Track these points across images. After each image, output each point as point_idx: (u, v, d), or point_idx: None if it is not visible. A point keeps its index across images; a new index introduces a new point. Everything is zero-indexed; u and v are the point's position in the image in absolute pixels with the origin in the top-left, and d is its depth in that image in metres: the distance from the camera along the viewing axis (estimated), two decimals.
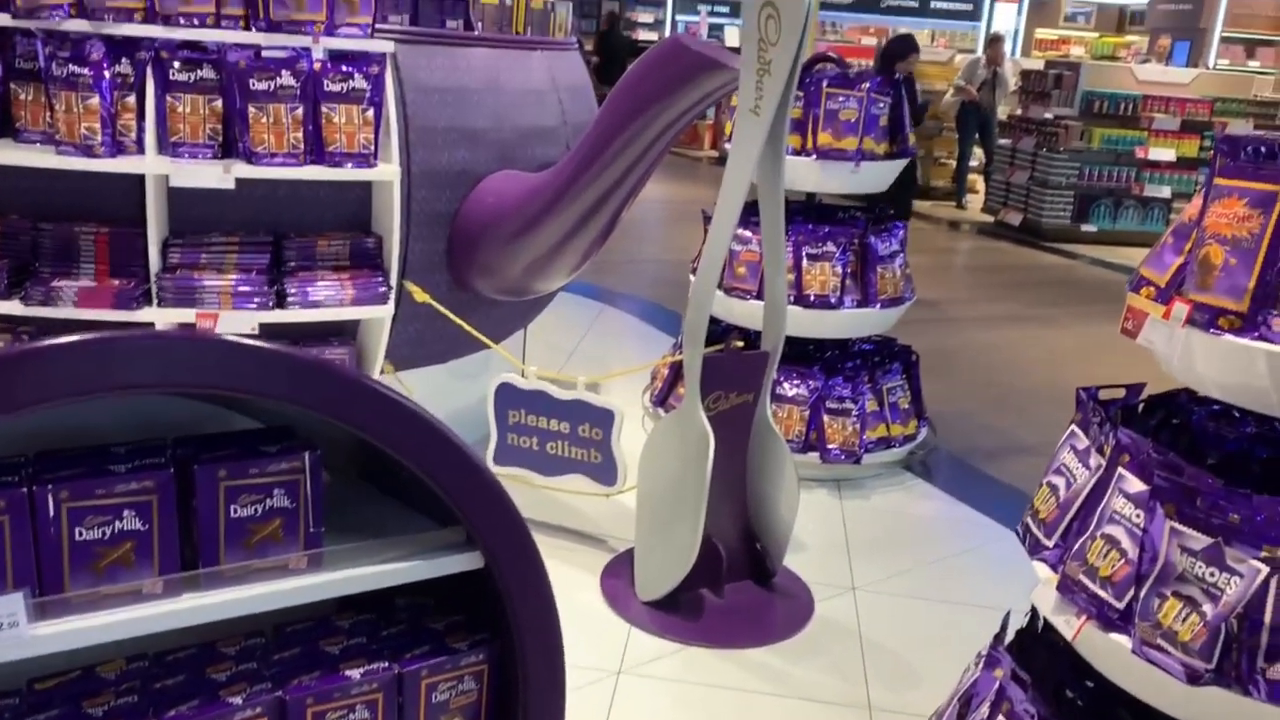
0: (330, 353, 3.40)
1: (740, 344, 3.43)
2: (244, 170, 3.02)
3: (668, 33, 18.86)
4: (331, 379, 1.43)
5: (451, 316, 3.61)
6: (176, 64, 2.98)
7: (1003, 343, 6.40)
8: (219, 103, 3.03)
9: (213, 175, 2.98)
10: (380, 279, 3.30)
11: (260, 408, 1.60)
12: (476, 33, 3.69)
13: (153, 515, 1.39)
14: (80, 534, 1.35)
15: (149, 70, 2.97)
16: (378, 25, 3.24)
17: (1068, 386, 2.35)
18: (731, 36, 19.30)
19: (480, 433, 3.74)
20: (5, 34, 3.00)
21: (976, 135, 11.41)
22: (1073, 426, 2.14)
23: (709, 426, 3.00)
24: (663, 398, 4.50)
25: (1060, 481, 2.08)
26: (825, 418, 4.08)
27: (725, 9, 25.15)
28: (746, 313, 4.13)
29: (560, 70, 4.07)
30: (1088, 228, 10.07)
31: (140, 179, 3.05)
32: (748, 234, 4.12)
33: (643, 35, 18.04)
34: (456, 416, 4.17)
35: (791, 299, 4.04)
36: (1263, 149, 1.82)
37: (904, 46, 7.65)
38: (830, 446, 4.06)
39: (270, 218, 3.31)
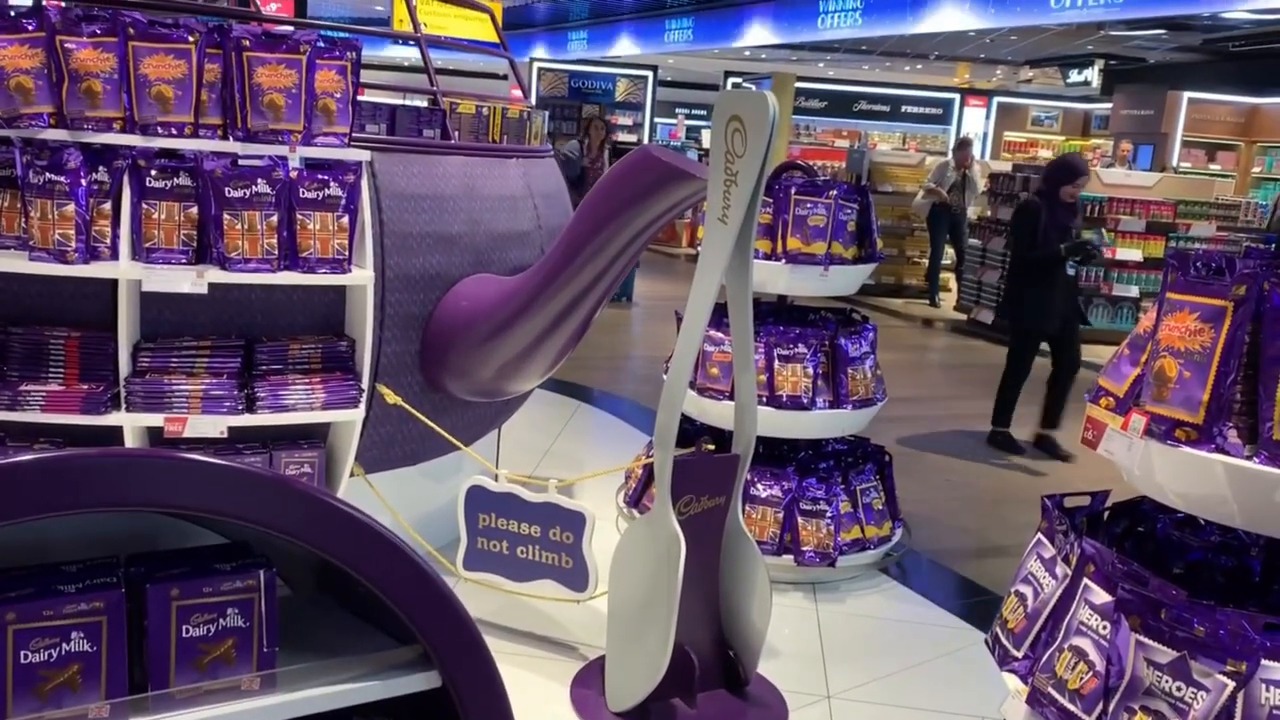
0: (300, 455, 3.38)
1: (711, 446, 3.43)
2: (217, 276, 3.04)
3: (646, 136, 19.30)
4: (286, 496, 1.42)
5: (422, 419, 3.60)
6: (154, 172, 3.03)
7: (976, 443, 6.43)
8: (194, 209, 3.07)
9: (185, 280, 3.00)
10: (352, 382, 3.30)
11: (217, 521, 1.58)
12: (453, 141, 3.77)
13: (102, 636, 1.36)
14: (25, 657, 1.32)
15: (126, 178, 3.01)
16: (355, 134, 3.31)
17: (1040, 488, 2.36)
18: (708, 138, 19.80)
19: (451, 536, 3.71)
20: None
21: (948, 235, 11.66)
22: (1039, 535, 2.14)
23: (680, 531, 2.98)
24: (636, 498, 4.48)
25: (1028, 591, 2.07)
26: (799, 519, 4.06)
27: (702, 113, 25.90)
28: (720, 413, 4.15)
29: (535, 176, 4.15)
30: None
31: (113, 284, 3.06)
32: (720, 335, 4.16)
33: (622, 137, 18.43)
34: (427, 519, 4.15)
35: (764, 400, 4.06)
36: (1212, 264, 1.87)
37: (1071, 170, 6.21)
38: (805, 549, 4.04)
39: (243, 321, 3.32)
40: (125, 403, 3.07)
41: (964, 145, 11.83)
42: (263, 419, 3.18)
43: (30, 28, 2.91)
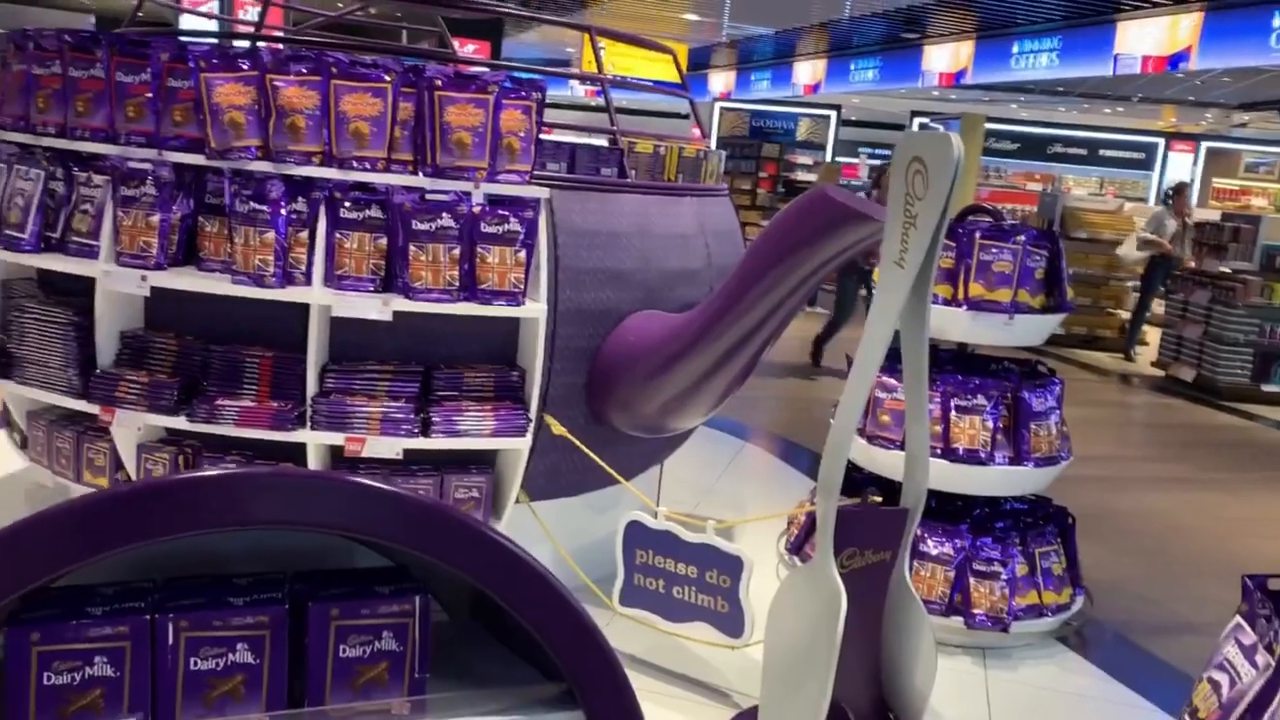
0: (468, 480, 3.47)
1: (879, 498, 3.31)
2: (401, 304, 3.17)
3: None
4: (446, 525, 1.44)
5: (587, 451, 3.63)
6: (347, 203, 3.19)
7: (1169, 508, 5.99)
8: (383, 240, 3.21)
9: (372, 307, 3.14)
10: (521, 411, 3.37)
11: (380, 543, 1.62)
12: (629, 179, 3.82)
13: (265, 650, 1.41)
14: (195, 664, 1.38)
15: (322, 208, 3.18)
16: (536, 172, 3.40)
17: (1240, 561, 2.16)
18: None
19: (608, 569, 3.71)
20: (198, 172, 3.28)
21: (1162, 288, 10.95)
22: (1238, 617, 1.95)
23: (841, 585, 2.88)
24: (798, 545, 4.38)
25: (1223, 679, 1.89)
26: (971, 580, 3.86)
27: (885, 153, 25.49)
28: (890, 463, 4.01)
29: (709, 215, 4.15)
30: (1269, 388, 9.45)
31: (305, 308, 3.24)
32: (893, 382, 4.03)
33: (801, 176, 18.34)
34: (586, 550, 4.18)
35: (938, 452, 3.90)
36: None
37: None
38: (976, 611, 3.84)
39: (422, 348, 3.45)
40: (310, 421, 3.23)
41: (1180, 191, 11.11)
42: (436, 443, 3.28)
43: (245, 67, 3.13)
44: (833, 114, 19.70)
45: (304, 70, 3.12)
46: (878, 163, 22.89)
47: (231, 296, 3.19)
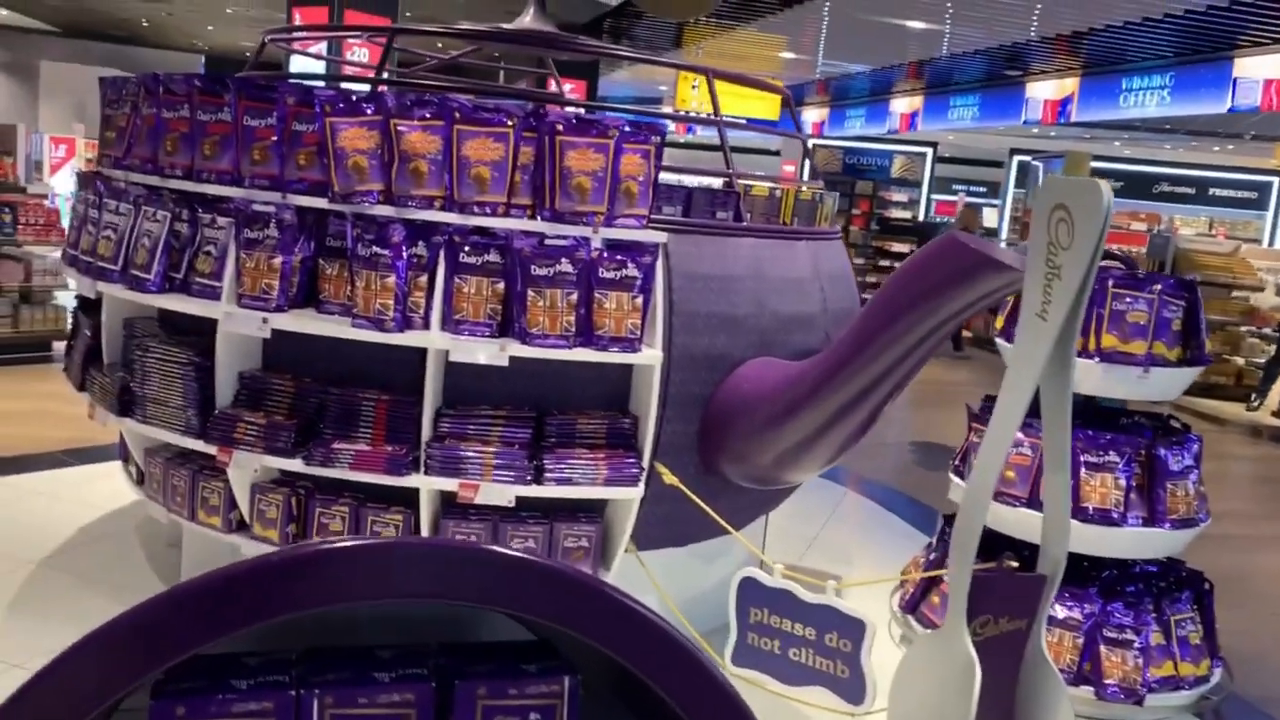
0: (578, 529, 3.40)
1: (1015, 563, 3.14)
2: (517, 349, 3.13)
3: (922, 214, 18.83)
4: (596, 601, 1.36)
5: (697, 501, 3.53)
6: (467, 248, 3.17)
7: None
8: (501, 284, 3.18)
9: (489, 352, 3.10)
10: (633, 460, 3.29)
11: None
12: (745, 223, 3.74)
13: None
14: None
15: (441, 253, 3.17)
16: (652, 216, 3.34)
17: None
18: (989, 217, 19.03)
19: (716, 621, 3.59)
20: (319, 215, 3.30)
21: None
22: None
23: (975, 655, 2.72)
24: (914, 604, 4.20)
25: None
26: (1102, 648, 3.64)
27: (982, 189, 25.01)
28: (1014, 520, 3.82)
29: (823, 259, 4.04)
30: None
31: (421, 352, 3.22)
32: (1019, 436, 3.84)
33: (895, 214, 18.07)
34: (693, 602, 4.07)
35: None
36: None
37: None
38: (1108, 682, 3.61)
39: (535, 394, 3.40)
40: (424, 466, 3.20)
41: None
42: (548, 490, 3.22)
43: (368, 111, 3.14)
44: (929, 151, 19.38)
45: (427, 115, 3.12)
46: (976, 201, 22.51)
47: (349, 339, 3.19)
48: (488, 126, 3.12)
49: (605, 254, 3.17)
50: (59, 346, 8.09)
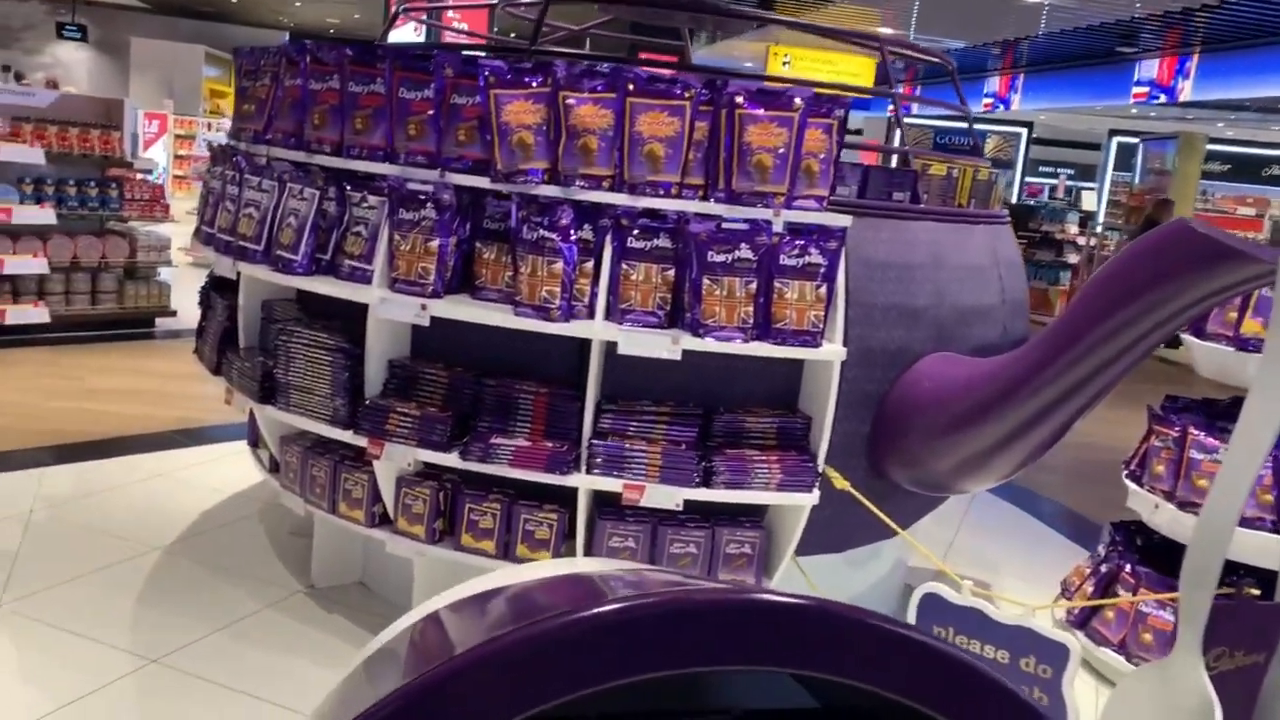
0: (740, 535, 3.16)
1: (1256, 591, 2.84)
2: (691, 343, 2.89)
3: (1015, 196, 18.23)
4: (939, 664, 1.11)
5: (872, 509, 3.28)
6: (635, 231, 2.94)
7: None
8: (671, 272, 2.95)
9: (661, 345, 2.87)
10: (808, 462, 3.05)
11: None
12: (922, 205, 3.45)
13: None
14: None
15: (608, 237, 2.94)
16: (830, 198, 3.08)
17: None
18: (1088, 200, 18.34)
19: None
20: (476, 195, 3.09)
21: None
22: None
23: (1213, 693, 2.43)
24: (1083, 619, 3.90)
25: None
26: None
27: (1069, 170, 24.17)
28: (1252, 546, 3.49)
29: (1000, 244, 3.74)
30: None
31: (581, 343, 3.00)
32: (1215, 443, 3.52)
33: None
34: (852, 602, 3.81)
35: (1269, 524, 3.37)
36: None
37: None
38: None
39: (699, 389, 3.17)
40: (586, 464, 2.98)
41: None
42: (717, 494, 2.99)
43: (534, 84, 2.92)
44: (1023, 131, 18.75)
45: (599, 87, 2.88)
46: (1074, 184, 21.70)
47: (504, 327, 2.98)
48: (663, 99, 2.88)
49: (787, 239, 2.92)
50: (163, 322, 8.08)
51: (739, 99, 2.90)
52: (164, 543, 4.08)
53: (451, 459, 3.03)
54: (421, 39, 7.80)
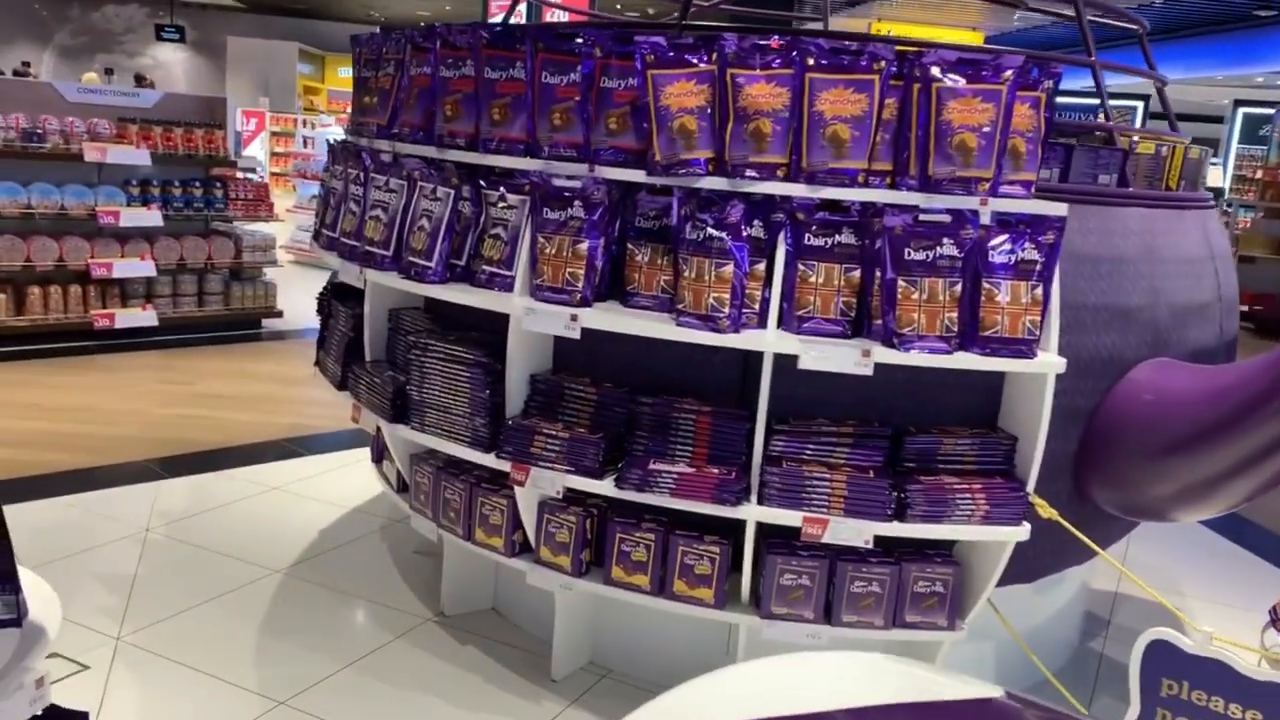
0: (931, 571, 2.77)
1: None
2: (885, 355, 2.50)
3: None
4: None
5: (1082, 538, 2.85)
6: (814, 227, 2.56)
7: None
8: (856, 272, 2.56)
9: (848, 358, 2.49)
10: (1017, 491, 2.64)
11: None
12: (1130, 190, 3.00)
13: None
14: None
15: (782, 234, 2.57)
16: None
17: None
18: (1211, 176, 17.27)
19: (1061, 660, 2.95)
20: (628, 190, 2.75)
21: None
22: None
23: None
24: None
25: None
26: None
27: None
28: None
29: (1212, 232, 3.26)
30: None
31: (745, 355, 2.64)
32: None
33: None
34: (1034, 638, 3.40)
35: None
36: None
37: None
38: None
39: (882, 405, 2.78)
40: (759, 494, 2.62)
41: None
42: (912, 529, 2.60)
43: (698, 62, 2.56)
44: (1139, 105, 17.74)
45: (774, 62, 2.50)
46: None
47: (666, 340, 2.63)
48: (849, 73, 2.49)
49: (997, 232, 2.51)
50: (269, 323, 7.96)
51: (935, 70, 2.49)
52: (284, 564, 3.85)
53: (605, 486, 2.70)
54: None
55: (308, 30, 22.45)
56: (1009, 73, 2.48)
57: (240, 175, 7.93)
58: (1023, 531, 2.63)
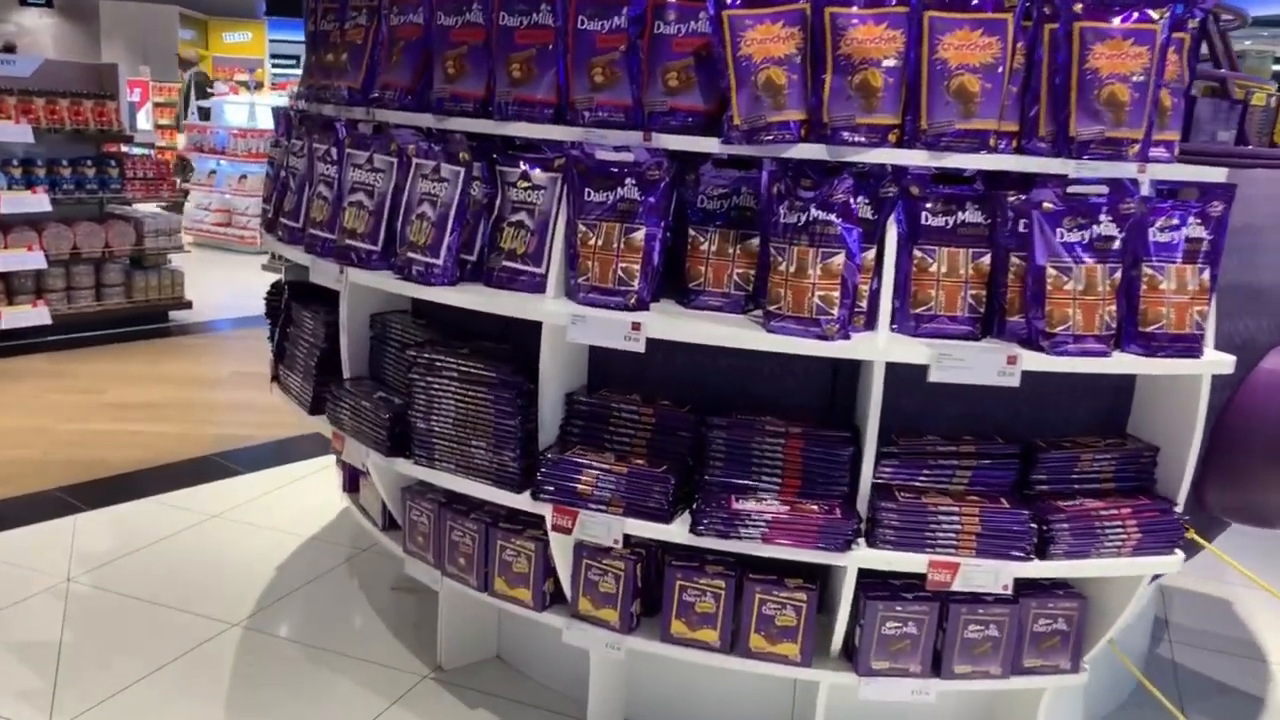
0: (1054, 607, 2.33)
1: None
2: (1035, 362, 2.03)
3: None
4: None
5: (1219, 554, 2.46)
6: (930, 204, 2.07)
7: None
8: (986, 258, 2.08)
9: (990, 367, 2.01)
10: (1168, 513, 2.21)
11: None
12: (1254, 148, 2.59)
13: None
14: None
15: (894, 212, 2.07)
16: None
17: None
18: None
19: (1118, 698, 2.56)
20: (687, 163, 2.21)
21: None
22: None
23: None
24: None
25: None
26: None
27: None
28: None
29: None
30: None
31: (836, 363, 2.15)
32: None
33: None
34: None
35: None
36: None
37: None
38: None
39: (997, 414, 2.32)
40: (873, 536, 2.14)
41: None
42: (1056, 568, 2.15)
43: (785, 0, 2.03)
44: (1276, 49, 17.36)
45: None
46: None
47: (748, 350, 2.12)
48: (977, 12, 2.00)
49: (1158, 205, 2.06)
50: (176, 316, 7.17)
51: (1077, 8, 2.02)
52: (241, 615, 3.24)
53: (677, 533, 2.18)
54: None
55: None
56: (1163, 11, 2.02)
57: (137, 151, 7.09)
58: (1176, 561, 2.21)
